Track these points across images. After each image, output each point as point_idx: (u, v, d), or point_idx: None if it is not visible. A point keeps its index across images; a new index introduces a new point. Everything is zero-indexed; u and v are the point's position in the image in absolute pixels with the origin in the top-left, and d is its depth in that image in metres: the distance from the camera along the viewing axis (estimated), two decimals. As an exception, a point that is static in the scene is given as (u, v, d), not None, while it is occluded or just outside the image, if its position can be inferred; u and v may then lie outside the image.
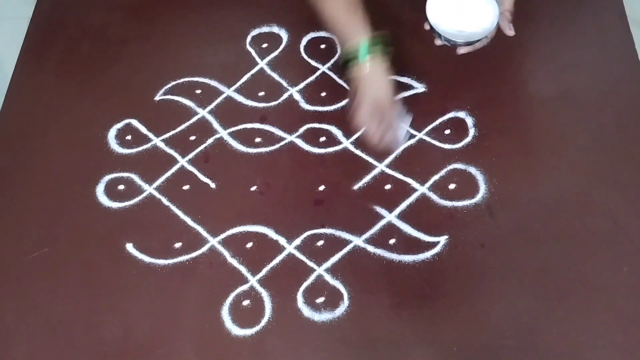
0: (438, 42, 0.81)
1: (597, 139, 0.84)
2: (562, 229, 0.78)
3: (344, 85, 0.90)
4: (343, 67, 0.78)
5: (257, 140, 0.87)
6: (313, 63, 0.93)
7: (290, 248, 0.78)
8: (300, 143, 0.86)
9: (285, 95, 0.90)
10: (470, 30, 0.78)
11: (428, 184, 0.82)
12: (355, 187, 0.82)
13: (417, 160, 0.84)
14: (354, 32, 0.76)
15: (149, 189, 0.84)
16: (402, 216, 0.80)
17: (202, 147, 0.87)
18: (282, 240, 0.79)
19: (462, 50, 0.81)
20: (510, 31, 0.80)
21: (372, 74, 0.76)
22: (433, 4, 0.78)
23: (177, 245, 0.79)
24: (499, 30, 0.80)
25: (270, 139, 0.87)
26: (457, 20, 0.78)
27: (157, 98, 0.91)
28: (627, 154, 0.83)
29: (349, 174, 0.83)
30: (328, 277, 0.76)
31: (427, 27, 0.81)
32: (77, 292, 0.77)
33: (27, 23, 1.00)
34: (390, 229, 0.79)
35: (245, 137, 0.87)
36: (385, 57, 0.77)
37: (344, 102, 0.89)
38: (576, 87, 0.89)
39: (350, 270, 0.77)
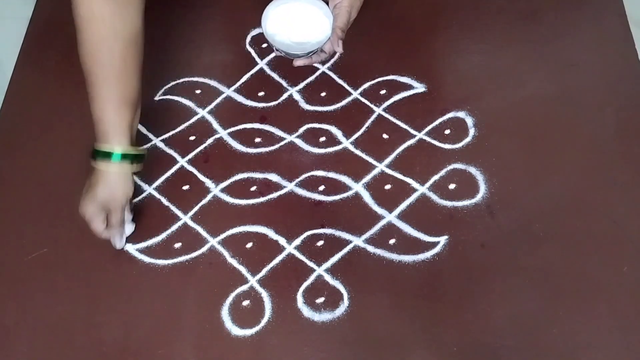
0: (275, 52, 0.80)
1: (597, 139, 0.84)
2: (562, 229, 0.78)
3: (344, 85, 0.90)
4: (92, 153, 0.74)
5: (257, 140, 0.87)
6: (313, 63, 0.93)
7: (290, 248, 0.78)
8: (300, 143, 0.86)
9: (285, 95, 0.90)
10: (301, 42, 0.77)
11: (428, 184, 0.82)
12: (355, 187, 0.82)
13: (417, 160, 0.84)
14: (118, 133, 0.73)
15: (149, 189, 0.84)
16: (402, 216, 0.80)
17: (201, 147, 0.87)
18: (282, 241, 0.79)
19: (298, 62, 0.80)
20: (338, 48, 0.78)
21: (117, 176, 0.74)
22: (268, 14, 0.77)
23: (177, 245, 0.79)
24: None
25: (270, 139, 0.87)
26: (290, 32, 0.77)
27: (156, 98, 0.91)
28: (627, 154, 0.83)
29: (349, 174, 0.83)
30: (328, 277, 0.76)
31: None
32: (77, 292, 0.77)
33: (27, 23, 1.00)
34: (390, 229, 0.79)
35: (245, 137, 0.87)
36: (136, 166, 0.75)
37: (344, 102, 0.89)
38: (576, 87, 0.89)
39: (350, 270, 0.76)
